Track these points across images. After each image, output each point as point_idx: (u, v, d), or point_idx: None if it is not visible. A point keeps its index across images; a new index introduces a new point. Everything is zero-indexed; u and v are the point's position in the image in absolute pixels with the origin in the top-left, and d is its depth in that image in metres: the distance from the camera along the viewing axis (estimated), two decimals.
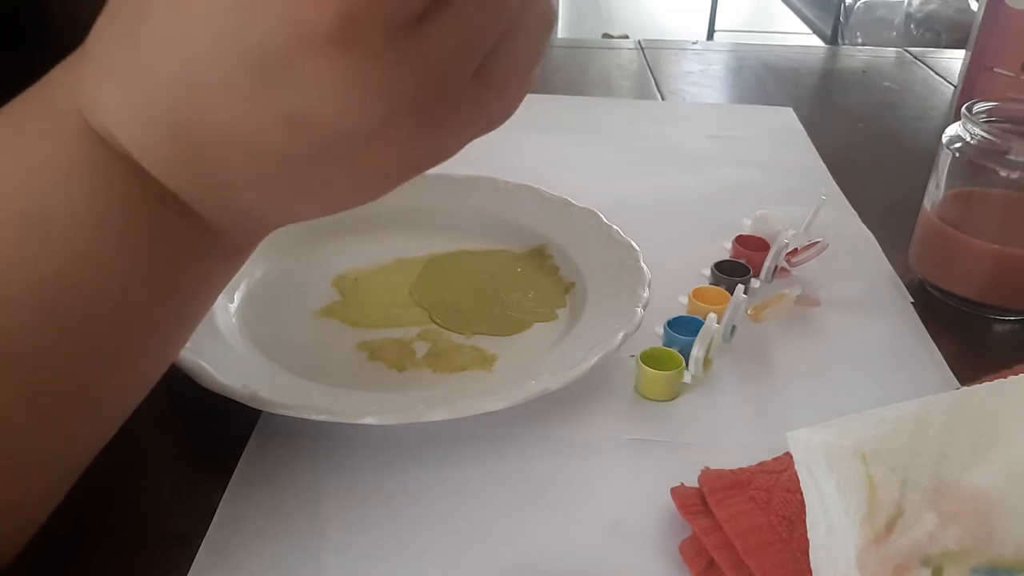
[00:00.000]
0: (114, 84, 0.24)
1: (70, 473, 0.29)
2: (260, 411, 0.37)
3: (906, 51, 1.00)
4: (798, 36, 2.99)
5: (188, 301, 0.29)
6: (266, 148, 0.23)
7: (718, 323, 0.41)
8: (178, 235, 0.26)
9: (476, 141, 0.27)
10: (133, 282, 0.26)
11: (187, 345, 0.38)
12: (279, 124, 0.23)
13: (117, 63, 0.24)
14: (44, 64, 0.26)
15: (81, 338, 0.26)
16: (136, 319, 0.27)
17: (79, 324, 0.25)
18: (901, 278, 0.52)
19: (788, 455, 0.31)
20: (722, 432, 0.39)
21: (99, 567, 0.32)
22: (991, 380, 0.31)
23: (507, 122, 0.28)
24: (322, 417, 0.36)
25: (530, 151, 0.66)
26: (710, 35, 3.42)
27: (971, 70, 0.76)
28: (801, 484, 0.29)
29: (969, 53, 0.76)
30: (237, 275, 0.46)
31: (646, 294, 0.44)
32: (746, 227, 0.53)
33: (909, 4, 2.17)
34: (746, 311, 0.46)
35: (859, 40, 2.33)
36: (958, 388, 0.40)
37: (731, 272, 0.49)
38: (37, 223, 0.25)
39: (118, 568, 0.32)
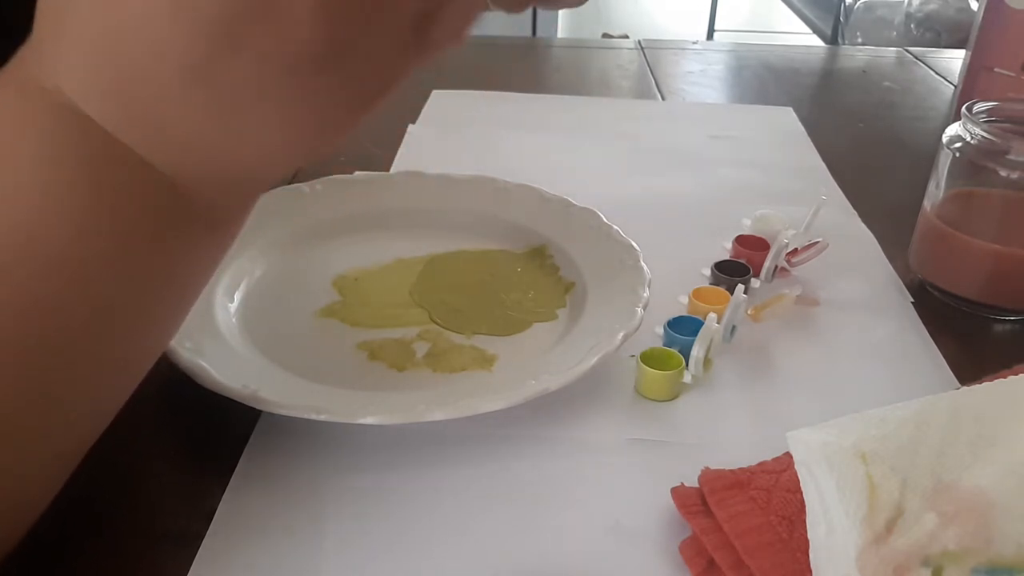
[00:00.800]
0: (53, 33, 0.24)
1: (66, 456, 0.28)
2: (260, 411, 0.37)
3: (906, 51, 1.00)
4: (798, 36, 2.99)
5: (171, 274, 0.28)
6: (163, 43, 0.23)
7: (718, 323, 0.41)
8: (144, 196, 0.26)
9: (476, 141, 0.27)
10: (107, 247, 0.25)
11: (187, 345, 0.38)
12: (167, 10, 0.22)
13: (55, 13, 0.24)
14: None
15: (53, 301, 0.25)
16: (117, 289, 0.26)
17: (47, 284, 0.25)
18: (901, 278, 0.52)
19: (788, 455, 0.31)
20: (722, 432, 0.39)
21: (99, 567, 0.32)
22: (991, 380, 0.31)
23: (507, 122, 0.28)
24: (322, 417, 0.36)
25: (530, 151, 0.66)
26: (710, 35, 3.41)
27: (971, 70, 0.76)
28: (801, 484, 0.29)
29: (969, 53, 0.76)
30: (237, 275, 0.47)
31: (646, 294, 0.44)
32: (746, 227, 0.53)
33: (909, 4, 2.17)
34: (746, 311, 0.46)
35: (859, 40, 2.33)
36: (958, 388, 0.40)
37: (731, 272, 0.49)
38: None
39: (118, 568, 0.32)
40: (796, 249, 0.50)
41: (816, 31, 2.69)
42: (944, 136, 0.49)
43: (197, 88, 0.24)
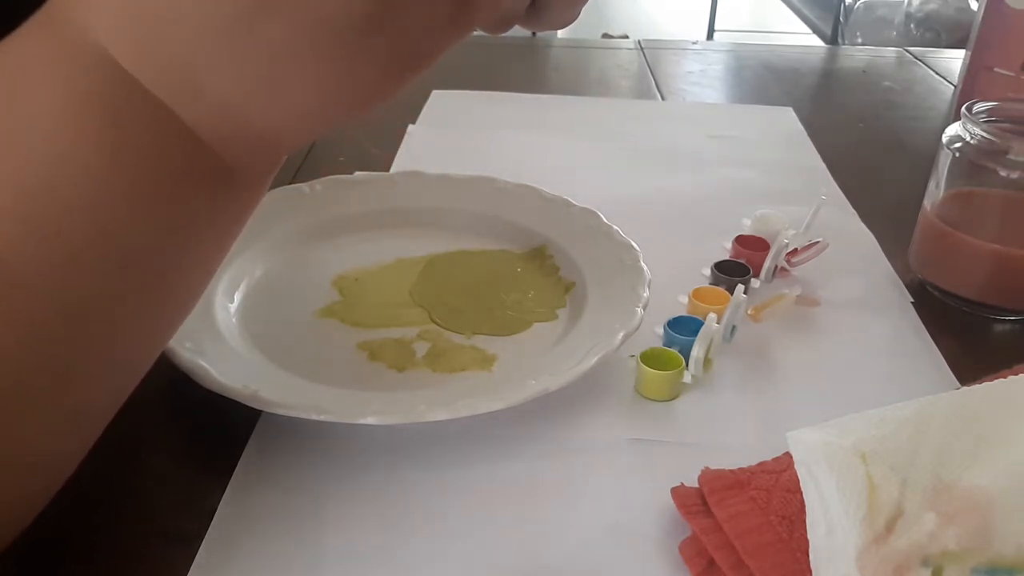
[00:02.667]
0: None
1: (79, 428, 0.28)
2: (260, 411, 0.37)
3: (906, 51, 1.00)
4: (798, 36, 2.99)
5: (191, 236, 0.27)
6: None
7: (718, 323, 0.41)
8: (167, 148, 0.25)
9: (476, 141, 0.27)
10: (124, 198, 0.25)
11: (187, 345, 0.38)
12: None
13: None
14: None
15: (75, 257, 0.24)
16: (133, 243, 0.25)
17: (69, 240, 0.24)
18: (901, 278, 0.52)
19: (788, 455, 0.31)
20: (722, 432, 0.39)
21: (99, 567, 0.32)
22: (991, 380, 0.31)
23: (507, 122, 0.28)
24: (322, 417, 0.36)
25: (530, 151, 0.66)
26: (710, 35, 3.41)
27: (971, 70, 0.76)
28: (801, 484, 0.29)
29: (969, 53, 0.76)
30: (237, 275, 0.47)
31: (646, 294, 0.44)
32: (746, 227, 0.53)
33: (909, 4, 2.17)
34: (746, 311, 0.46)
35: (859, 40, 2.33)
36: (958, 388, 0.40)
37: (731, 272, 0.49)
38: (17, 130, 0.24)
39: (118, 568, 0.32)
40: (796, 249, 0.50)
41: (816, 31, 2.69)
42: (944, 136, 0.49)
43: (236, 41, 0.23)
